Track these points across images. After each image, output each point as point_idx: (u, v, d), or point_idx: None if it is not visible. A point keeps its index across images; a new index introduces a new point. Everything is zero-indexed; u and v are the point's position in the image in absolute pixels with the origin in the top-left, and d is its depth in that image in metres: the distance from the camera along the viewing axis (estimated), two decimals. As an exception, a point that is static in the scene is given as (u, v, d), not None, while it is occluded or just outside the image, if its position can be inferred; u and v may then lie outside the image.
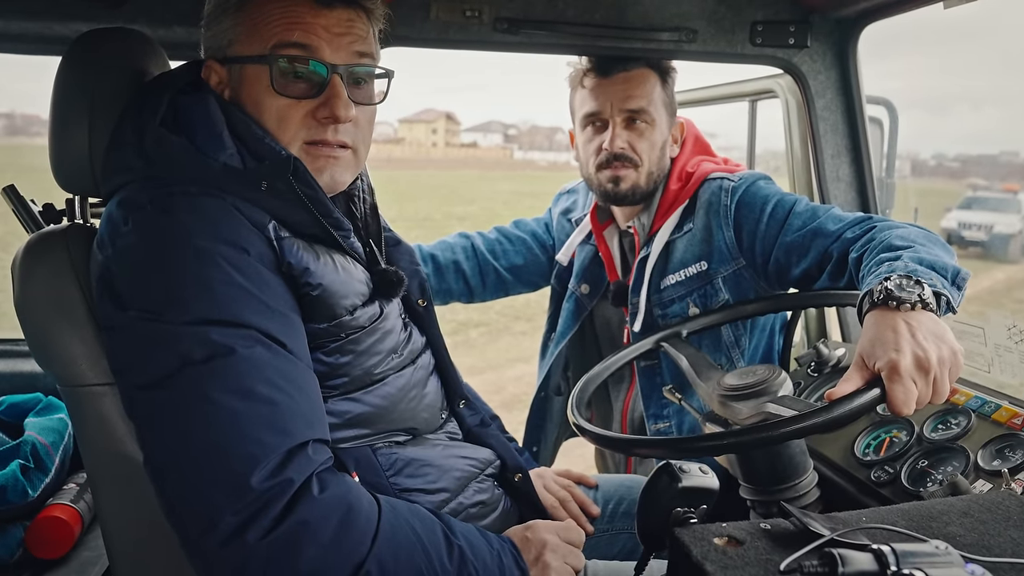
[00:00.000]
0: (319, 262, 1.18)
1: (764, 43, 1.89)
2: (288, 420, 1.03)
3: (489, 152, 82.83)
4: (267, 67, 1.18)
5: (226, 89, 1.24)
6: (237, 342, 1.03)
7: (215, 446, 0.99)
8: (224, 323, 1.03)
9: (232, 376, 1.01)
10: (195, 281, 1.04)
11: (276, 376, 1.04)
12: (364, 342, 1.23)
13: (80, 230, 1.25)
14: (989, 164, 43.59)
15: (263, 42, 1.19)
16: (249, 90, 1.21)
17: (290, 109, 1.20)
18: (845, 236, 1.60)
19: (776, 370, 1.44)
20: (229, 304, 1.04)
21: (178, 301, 1.04)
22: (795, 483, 1.41)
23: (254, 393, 1.01)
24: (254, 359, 1.03)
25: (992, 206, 17.61)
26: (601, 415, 2.19)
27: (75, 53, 1.27)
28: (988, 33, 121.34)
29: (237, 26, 1.21)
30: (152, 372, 1.03)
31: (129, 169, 1.17)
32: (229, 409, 1.00)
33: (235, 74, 1.23)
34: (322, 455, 1.06)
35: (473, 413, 1.44)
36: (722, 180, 1.86)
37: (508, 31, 1.80)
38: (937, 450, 1.44)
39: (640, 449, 1.45)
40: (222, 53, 1.23)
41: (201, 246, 1.06)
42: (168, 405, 1.02)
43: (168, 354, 1.02)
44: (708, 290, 1.85)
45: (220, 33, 1.23)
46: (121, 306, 1.07)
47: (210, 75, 1.25)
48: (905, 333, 1.19)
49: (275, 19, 1.18)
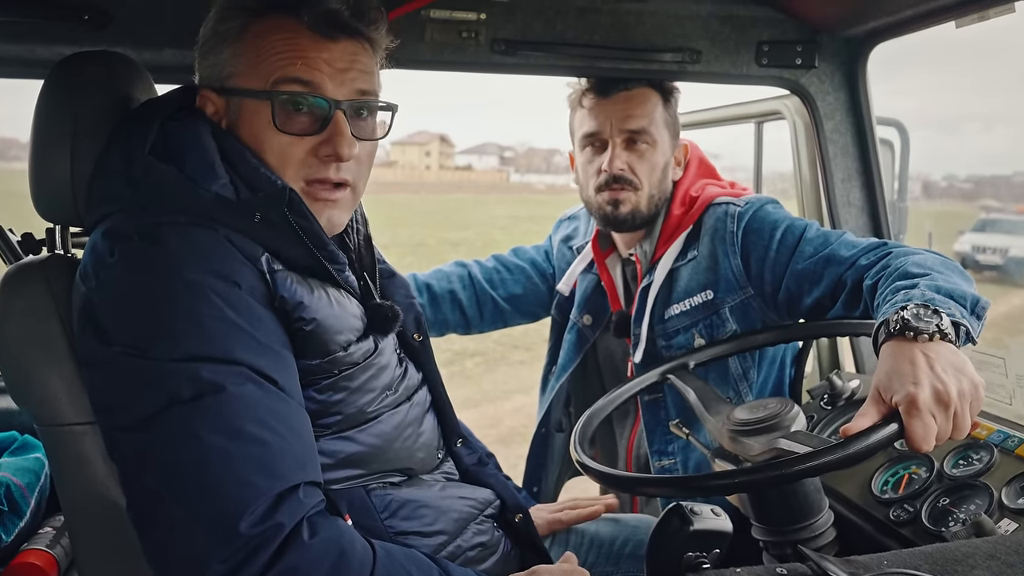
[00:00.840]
0: (313, 296, 1.18)
1: (770, 63, 1.90)
2: (279, 462, 1.02)
3: (485, 175, 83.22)
4: (268, 102, 1.18)
5: (223, 119, 1.24)
6: (227, 379, 1.02)
7: (203, 489, 0.98)
8: (214, 360, 1.03)
9: (222, 415, 1.00)
10: (184, 315, 1.04)
11: (267, 415, 1.03)
12: (358, 378, 1.23)
13: (61, 261, 1.24)
14: (1002, 185, 43.87)
15: (264, 76, 1.19)
16: (249, 124, 1.21)
17: (292, 146, 1.20)
18: (859, 263, 1.60)
19: (788, 404, 1.43)
20: (219, 340, 1.04)
21: (166, 336, 1.03)
22: (810, 523, 1.39)
23: (244, 433, 1.01)
24: (245, 397, 1.02)
25: (1007, 228, 17.70)
26: (606, 453, 2.17)
27: (57, 77, 1.27)
28: (1002, 51, 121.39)
29: (237, 57, 1.21)
30: (137, 411, 1.02)
31: (116, 198, 1.17)
32: (218, 450, 0.99)
33: (234, 106, 1.22)
34: (313, 498, 1.05)
35: (470, 452, 1.43)
36: (728, 205, 1.86)
37: (505, 52, 1.81)
38: (959, 487, 1.43)
39: (648, 488, 1.44)
40: (220, 83, 1.23)
41: (191, 279, 1.05)
42: (154, 446, 1.01)
43: (155, 392, 1.01)
44: (714, 320, 1.84)
45: (219, 63, 1.22)
46: (105, 341, 1.06)
47: (206, 104, 1.24)
48: (923, 365, 1.18)
49: (277, 52, 1.18)
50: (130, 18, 1.67)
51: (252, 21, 1.20)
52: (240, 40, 1.20)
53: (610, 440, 2.15)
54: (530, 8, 1.80)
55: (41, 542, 1.65)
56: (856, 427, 1.16)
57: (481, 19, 1.78)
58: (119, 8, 1.66)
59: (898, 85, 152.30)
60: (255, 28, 1.20)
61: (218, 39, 1.22)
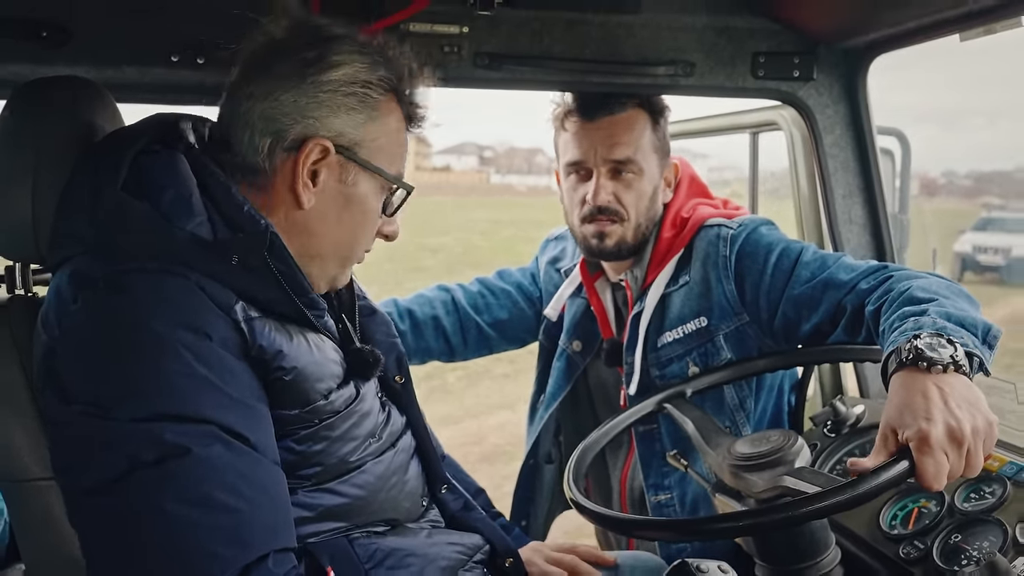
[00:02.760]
0: (292, 343, 1.17)
1: (767, 76, 1.91)
2: (248, 531, 1.01)
3: (464, 176, 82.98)
4: (385, 186, 1.28)
5: (320, 175, 1.23)
6: (194, 441, 1.01)
7: (166, 561, 0.97)
8: (180, 419, 1.02)
9: (187, 481, 1.00)
10: (149, 372, 1.03)
11: (236, 479, 1.02)
12: (339, 427, 1.22)
13: (23, 303, 1.23)
14: (1004, 181, 44.28)
15: (394, 164, 1.29)
16: (362, 192, 1.26)
17: (377, 224, 1.33)
18: (860, 287, 1.60)
19: (792, 436, 1.44)
20: (187, 397, 1.03)
21: (129, 395, 1.02)
22: (816, 561, 1.39)
23: (211, 500, 1.00)
24: (212, 460, 1.01)
25: (1009, 227, 17.71)
26: (599, 486, 2.17)
27: (17, 104, 1.26)
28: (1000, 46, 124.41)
29: (379, 130, 1.25)
30: (98, 475, 1.00)
31: (80, 239, 1.15)
32: (183, 520, 0.98)
33: (350, 171, 1.24)
34: (283, 566, 1.04)
35: (456, 497, 1.42)
36: (720, 227, 1.85)
37: (489, 67, 1.80)
38: (971, 523, 1.44)
39: (649, 532, 1.43)
40: (350, 144, 1.23)
41: (158, 332, 1.04)
42: (115, 513, 1.00)
43: (116, 455, 1.00)
44: (709, 348, 1.84)
45: (357, 127, 1.23)
46: (65, 399, 1.05)
47: (314, 149, 1.21)
48: (937, 400, 1.19)
49: (401, 145, 1.30)
50: (90, 35, 1.65)
51: (389, 101, 1.26)
52: (380, 115, 1.25)
53: (603, 472, 2.15)
54: (515, 21, 1.80)
55: (2, 594, 1.63)
56: (867, 465, 1.17)
57: (464, 32, 1.78)
58: (78, 25, 1.64)
59: (898, 78, 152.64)
60: (389, 107, 1.27)
61: (364, 104, 1.23)
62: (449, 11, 1.75)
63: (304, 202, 1.21)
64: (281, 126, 1.19)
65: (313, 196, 1.22)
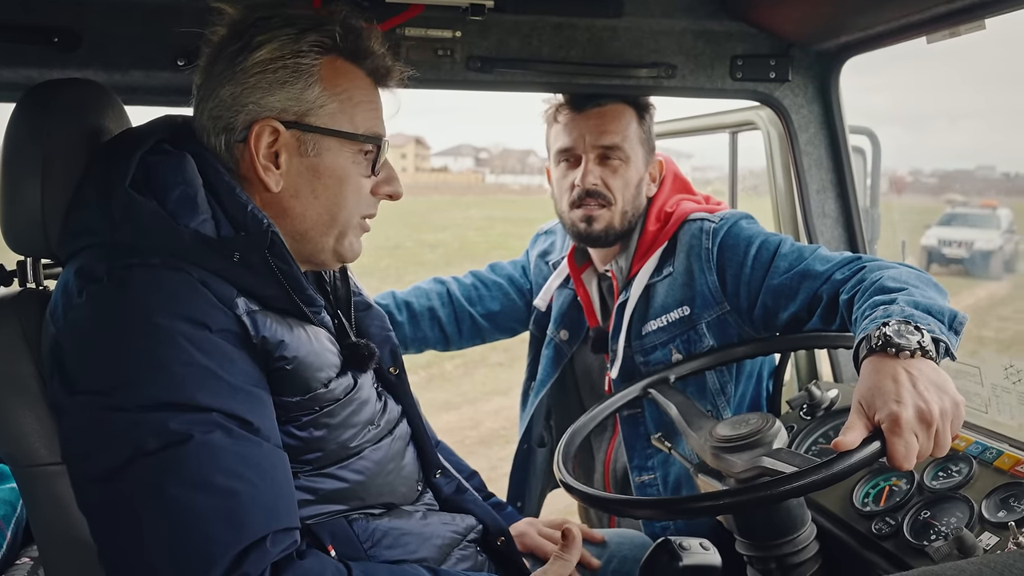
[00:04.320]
0: (292, 334, 1.15)
1: (744, 77, 1.90)
2: (247, 513, 0.99)
3: (460, 176, 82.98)
4: (358, 145, 1.22)
5: (280, 150, 1.19)
6: (194, 428, 0.99)
7: (168, 546, 0.96)
8: (182, 407, 1.00)
9: (188, 467, 0.98)
10: (151, 362, 1.01)
11: (237, 463, 1.01)
12: (339, 415, 1.20)
13: (33, 296, 1.21)
14: (966, 179, 44.45)
15: (357, 123, 1.23)
16: (329, 160, 1.21)
17: (365, 187, 1.26)
18: (834, 278, 1.59)
19: (770, 419, 1.43)
20: (187, 386, 1.01)
21: (131, 384, 1.00)
22: (793, 537, 1.39)
23: (211, 485, 0.98)
24: (212, 446, 1.00)
25: (972, 222, 17.84)
26: (583, 467, 2.15)
27: (27, 106, 1.24)
28: (968, 47, 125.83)
29: (324, 95, 1.20)
30: (103, 463, 0.99)
31: (91, 232, 1.13)
32: (183, 504, 0.97)
33: (309, 141, 1.20)
34: (281, 544, 1.02)
35: (449, 481, 1.41)
36: (703, 221, 1.85)
37: (481, 69, 1.79)
38: (939, 500, 1.43)
39: (636, 510, 1.42)
40: (295, 117, 1.19)
41: (159, 323, 1.02)
42: (119, 499, 0.99)
43: (120, 443, 0.98)
44: (691, 336, 1.83)
45: (296, 97, 1.18)
46: (70, 389, 1.03)
47: (263, 132, 1.18)
48: (906, 383, 1.18)
49: (364, 102, 1.24)
50: (100, 40, 1.63)
51: (330, 62, 1.21)
52: (320, 79, 1.19)
53: (587, 454, 2.14)
54: (505, 25, 1.79)
55: (19, 574, 1.61)
56: (847, 444, 1.15)
57: (456, 36, 1.76)
58: (89, 30, 1.62)
59: (866, 82, 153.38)
60: (332, 67, 1.21)
61: (297, 76, 1.18)
62: (442, 16, 1.74)
63: (272, 185, 1.19)
64: (227, 121, 1.18)
65: (280, 177, 1.20)
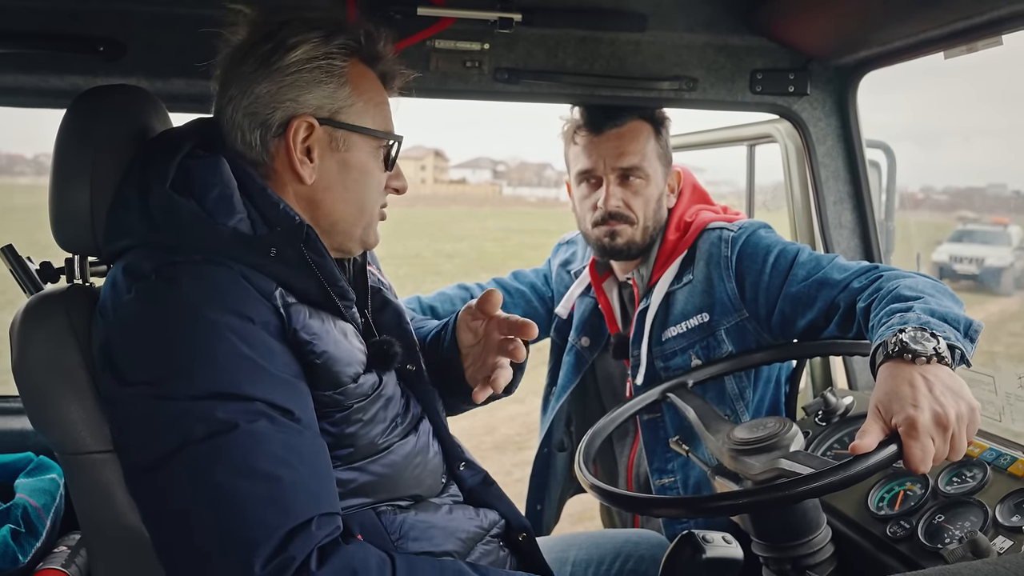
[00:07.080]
0: (324, 328, 1.17)
1: (764, 91, 1.91)
2: (291, 497, 1.01)
3: (478, 188, 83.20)
4: (381, 143, 1.28)
5: (313, 146, 1.23)
6: (240, 417, 1.01)
7: (216, 531, 0.98)
8: (228, 396, 1.02)
9: (234, 454, 1.00)
10: (199, 354, 1.03)
11: (281, 450, 1.03)
12: (369, 410, 1.22)
13: (81, 292, 1.23)
14: (977, 197, 44.08)
15: (379, 122, 1.28)
16: (356, 155, 1.26)
17: (382, 181, 1.31)
18: (852, 286, 1.60)
19: (787, 423, 1.44)
20: (234, 376, 1.03)
21: (180, 375, 1.02)
22: (809, 539, 1.39)
23: (256, 471, 1.00)
24: (257, 434, 1.02)
25: (983, 239, 17.73)
26: (606, 471, 2.16)
27: (78, 109, 1.27)
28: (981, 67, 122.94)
29: (354, 97, 1.25)
30: (153, 452, 1.01)
31: (132, 232, 1.17)
32: (230, 490, 0.99)
33: (339, 137, 1.24)
34: (326, 528, 1.04)
35: (474, 473, 1.41)
36: (721, 230, 1.86)
37: (508, 81, 1.82)
38: (953, 504, 1.43)
39: (657, 509, 1.43)
40: (328, 115, 1.23)
41: (206, 317, 1.05)
42: (169, 487, 1.01)
43: (169, 432, 1.01)
44: (711, 342, 1.84)
45: (331, 96, 1.23)
46: (122, 381, 1.06)
47: (300, 127, 1.21)
48: (923, 388, 1.18)
49: (383, 103, 1.30)
50: (144, 49, 1.67)
51: (354, 65, 1.26)
52: (349, 80, 1.24)
53: (610, 459, 2.14)
54: (532, 38, 1.81)
55: (56, 561, 1.63)
56: (864, 447, 1.16)
57: (484, 49, 1.79)
58: (134, 40, 1.66)
59: (881, 101, 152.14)
60: (356, 70, 1.26)
61: (328, 76, 1.22)
62: (471, 29, 1.76)
63: (306, 177, 1.22)
64: (264, 117, 1.20)
65: (313, 170, 1.23)
